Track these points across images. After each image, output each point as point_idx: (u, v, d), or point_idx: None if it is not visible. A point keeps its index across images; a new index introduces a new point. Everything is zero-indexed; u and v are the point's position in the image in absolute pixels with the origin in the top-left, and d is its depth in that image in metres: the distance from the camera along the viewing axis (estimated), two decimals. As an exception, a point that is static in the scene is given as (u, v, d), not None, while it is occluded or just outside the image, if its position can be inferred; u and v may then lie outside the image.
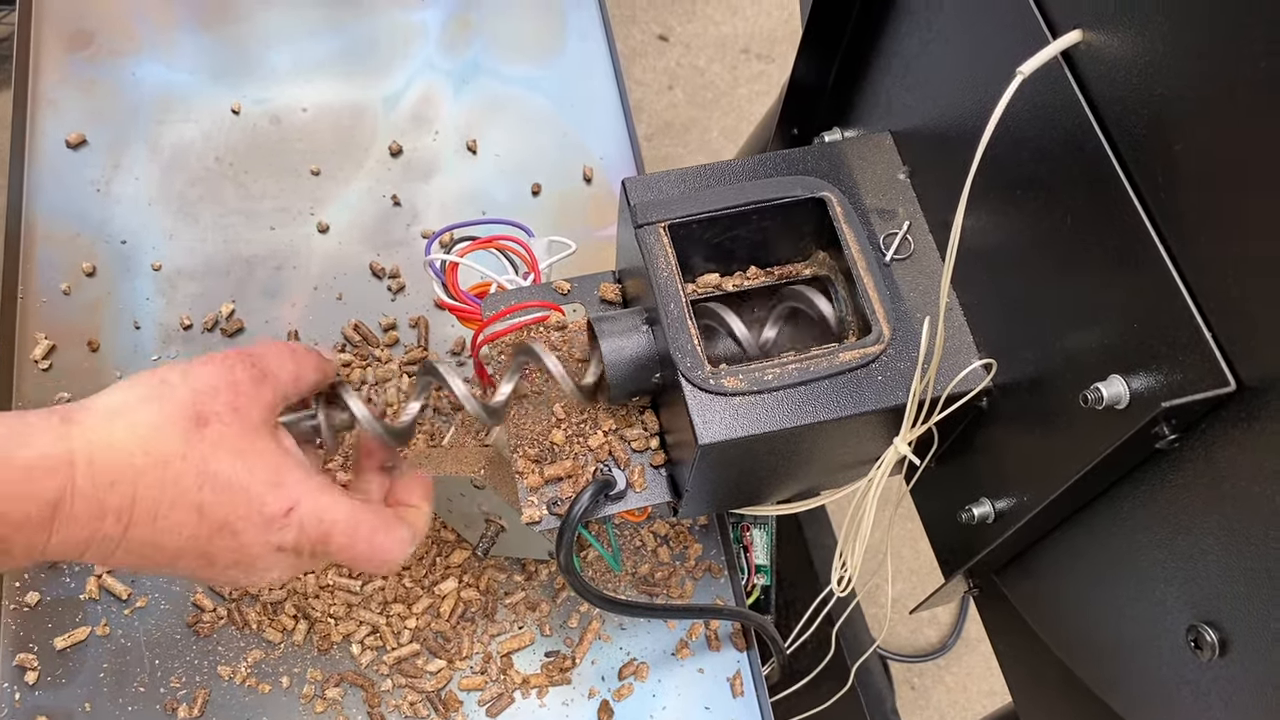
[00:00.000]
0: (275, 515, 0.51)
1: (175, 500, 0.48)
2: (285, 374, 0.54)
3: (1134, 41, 0.46)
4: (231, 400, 0.51)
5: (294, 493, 0.51)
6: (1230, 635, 0.47)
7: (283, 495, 0.51)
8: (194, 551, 0.50)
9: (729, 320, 0.67)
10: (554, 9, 1.07)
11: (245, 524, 0.50)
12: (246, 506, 0.50)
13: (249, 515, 0.50)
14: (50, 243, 0.91)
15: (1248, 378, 0.43)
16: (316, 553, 0.53)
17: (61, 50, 0.99)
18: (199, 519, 0.49)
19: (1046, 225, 0.55)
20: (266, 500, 0.50)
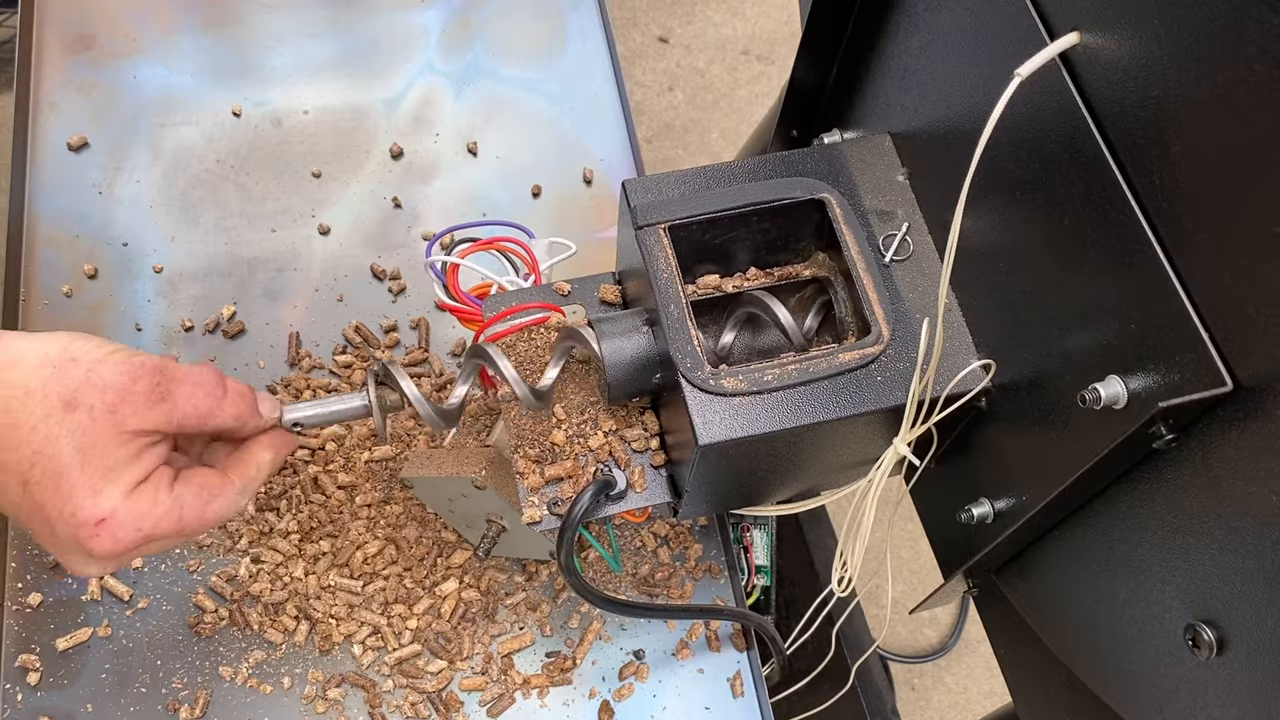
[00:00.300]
0: (86, 522, 0.51)
1: (9, 463, 0.50)
2: (189, 408, 0.54)
3: (1131, 43, 0.47)
4: (113, 403, 0.51)
5: (110, 504, 0.52)
6: (1228, 634, 0.47)
7: (98, 505, 0.51)
8: (18, 518, 0.52)
9: (776, 310, 0.65)
10: (554, 11, 1.07)
11: (59, 519, 0.51)
12: (63, 504, 0.51)
13: (63, 513, 0.51)
14: (52, 245, 0.91)
15: (1244, 378, 0.43)
16: (143, 551, 0.54)
17: (63, 53, 1.00)
18: (23, 491, 0.50)
19: (1045, 226, 0.55)
20: (82, 505, 0.51)
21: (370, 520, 0.81)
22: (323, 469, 0.82)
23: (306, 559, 0.79)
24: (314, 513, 0.81)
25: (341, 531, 0.80)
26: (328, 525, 0.81)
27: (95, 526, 0.51)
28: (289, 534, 0.80)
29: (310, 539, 0.80)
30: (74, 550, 0.53)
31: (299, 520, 0.81)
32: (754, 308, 0.68)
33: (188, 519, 0.55)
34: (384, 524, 0.81)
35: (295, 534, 0.80)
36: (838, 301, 0.68)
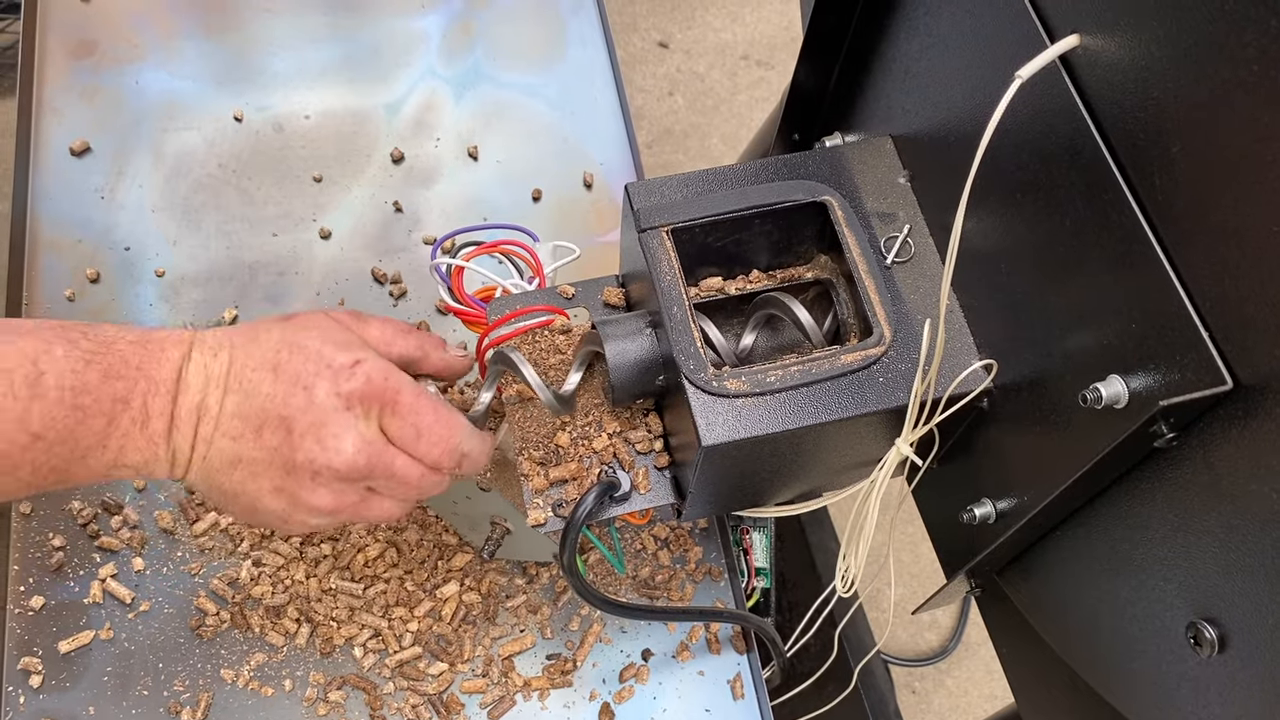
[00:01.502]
0: (343, 366, 0.57)
1: (258, 362, 0.56)
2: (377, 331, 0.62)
3: (1131, 45, 0.47)
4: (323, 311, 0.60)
5: (360, 353, 0.58)
6: (1229, 632, 0.48)
7: (349, 353, 0.57)
8: (274, 417, 0.56)
9: (796, 311, 0.66)
10: (554, 16, 1.08)
11: (316, 379, 0.56)
12: (317, 363, 0.56)
13: (319, 370, 0.56)
14: (54, 250, 0.91)
15: (1245, 377, 0.44)
16: (386, 409, 0.58)
17: (66, 58, 1.00)
18: (275, 377, 0.56)
19: (1046, 228, 0.55)
20: (336, 356, 0.57)
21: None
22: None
23: (308, 562, 0.79)
24: (316, 516, 0.81)
25: (342, 535, 0.81)
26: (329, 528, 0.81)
27: (352, 367, 0.57)
28: (290, 537, 0.80)
29: (311, 542, 0.80)
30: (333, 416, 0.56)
31: (301, 523, 0.81)
32: (774, 309, 0.69)
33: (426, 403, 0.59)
34: (385, 527, 0.81)
35: (296, 537, 0.80)
36: (840, 303, 0.68)
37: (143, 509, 0.80)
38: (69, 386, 0.51)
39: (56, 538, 0.78)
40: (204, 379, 0.56)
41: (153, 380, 0.54)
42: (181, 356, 0.56)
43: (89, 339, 0.53)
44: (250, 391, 0.56)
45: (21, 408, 0.50)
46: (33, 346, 0.51)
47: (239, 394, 0.56)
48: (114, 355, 0.53)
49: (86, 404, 0.52)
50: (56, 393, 0.51)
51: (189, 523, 0.80)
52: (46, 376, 0.51)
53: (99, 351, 0.53)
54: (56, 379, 0.51)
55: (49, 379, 0.51)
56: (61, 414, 0.51)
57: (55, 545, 0.78)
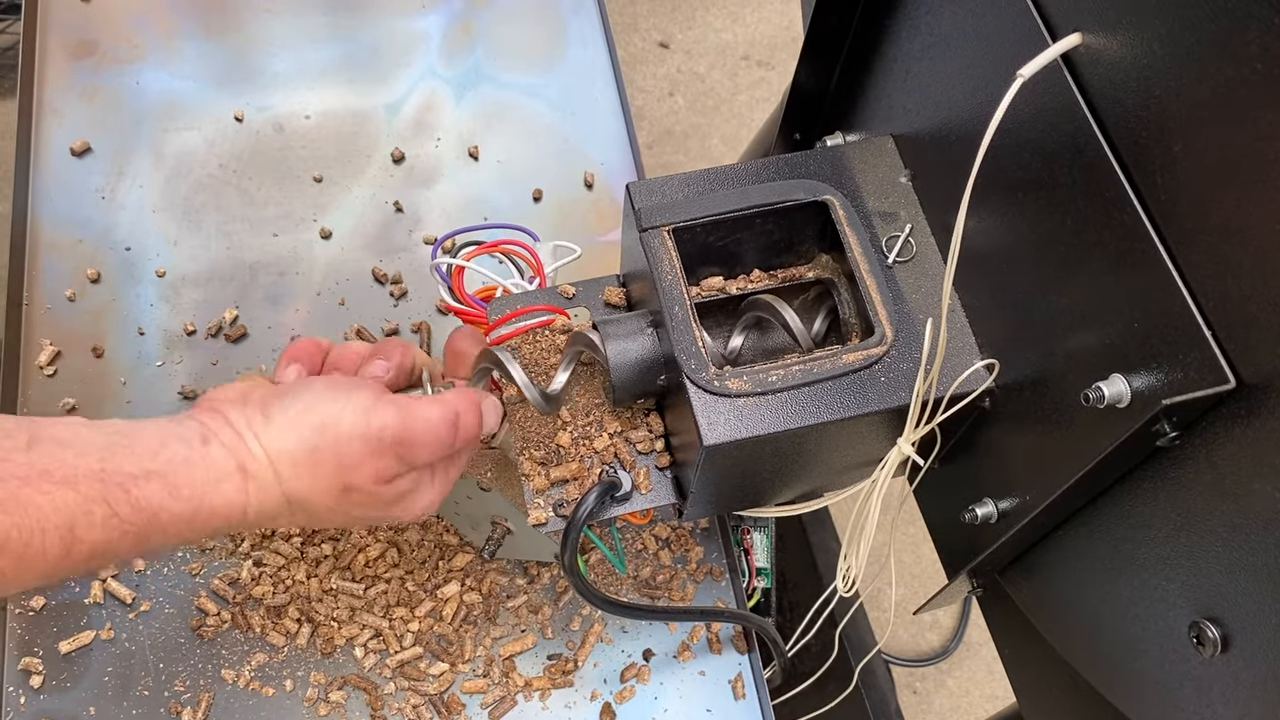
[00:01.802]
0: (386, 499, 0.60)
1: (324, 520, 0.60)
2: (425, 458, 0.60)
3: (1133, 44, 0.47)
4: (376, 477, 0.58)
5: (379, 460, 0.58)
6: (1232, 631, 0.48)
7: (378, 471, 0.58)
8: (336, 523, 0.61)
9: (785, 314, 0.66)
10: (555, 16, 1.08)
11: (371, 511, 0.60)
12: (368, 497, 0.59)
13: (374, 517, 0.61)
14: (55, 250, 0.91)
15: (1247, 375, 0.44)
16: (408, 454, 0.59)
17: (66, 59, 1.00)
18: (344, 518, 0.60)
19: (1048, 226, 0.55)
20: (381, 493, 0.59)
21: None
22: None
23: (308, 562, 0.79)
24: (316, 516, 0.81)
25: (343, 535, 0.80)
26: (330, 528, 0.81)
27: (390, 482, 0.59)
28: (291, 537, 0.80)
29: (312, 542, 0.80)
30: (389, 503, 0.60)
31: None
32: (762, 311, 0.69)
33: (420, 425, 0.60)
34: (385, 527, 0.81)
35: (297, 537, 0.80)
36: (841, 303, 0.68)
37: (143, 509, 0.80)
38: (101, 554, 0.49)
39: (57, 538, 0.78)
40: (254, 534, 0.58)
41: (198, 534, 0.54)
42: (230, 529, 0.56)
43: (130, 503, 0.49)
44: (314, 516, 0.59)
45: (50, 567, 0.48)
46: (72, 504, 0.47)
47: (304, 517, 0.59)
48: (155, 530, 0.50)
49: (114, 559, 0.51)
50: (86, 562, 0.49)
51: (189, 523, 0.80)
52: (81, 545, 0.48)
53: (138, 523, 0.50)
54: (90, 548, 0.48)
55: (83, 548, 0.48)
56: (84, 572, 0.51)
57: (56, 545, 0.78)
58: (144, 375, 0.86)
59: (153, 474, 0.50)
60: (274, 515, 0.56)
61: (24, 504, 0.46)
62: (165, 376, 0.87)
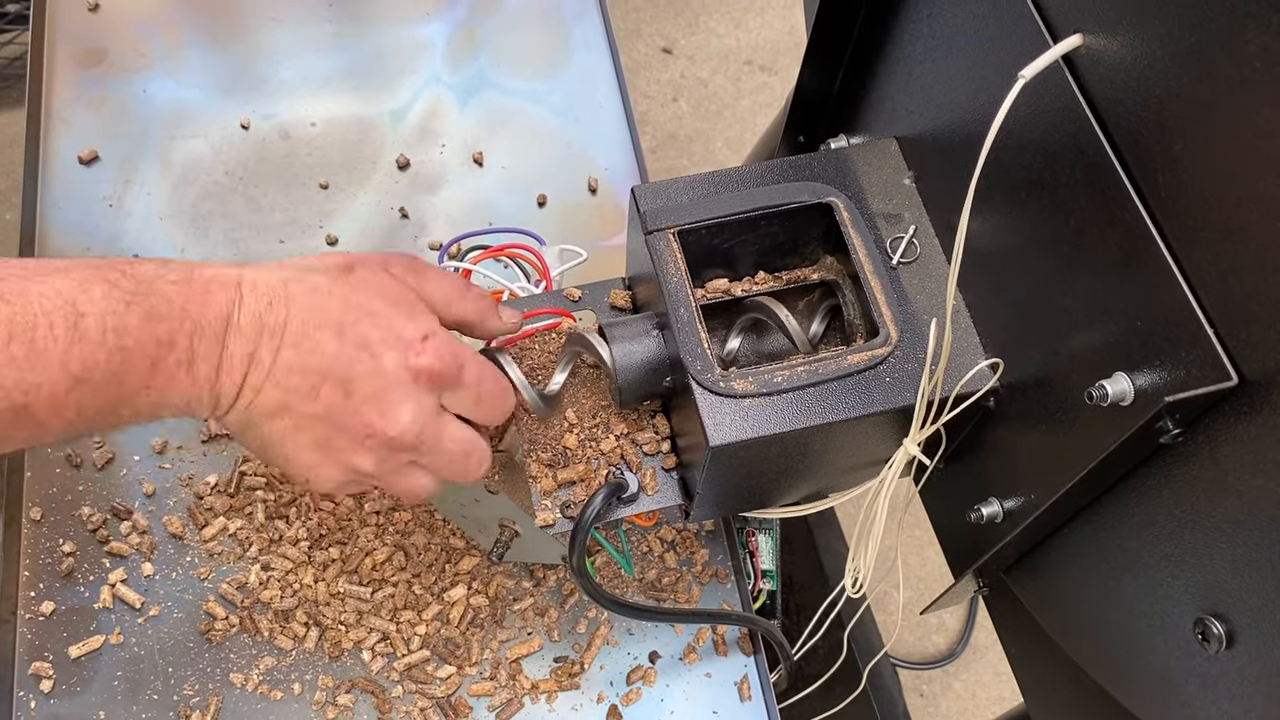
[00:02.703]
0: (413, 339, 0.56)
1: (321, 321, 0.55)
2: (435, 288, 0.59)
3: (1133, 44, 0.47)
4: (382, 262, 0.57)
5: (430, 325, 0.57)
6: (1237, 627, 0.48)
7: (419, 325, 0.56)
8: (335, 375, 0.55)
9: (781, 316, 0.66)
10: (558, 22, 1.08)
11: (383, 346, 0.55)
12: (385, 330, 0.56)
13: (387, 339, 0.55)
14: (63, 257, 0.91)
15: (1250, 372, 0.44)
16: (449, 382, 0.57)
17: (74, 68, 1.01)
18: (340, 339, 0.55)
19: (1050, 226, 0.56)
20: (405, 327, 0.56)
21: (379, 527, 0.82)
22: (333, 476, 0.83)
23: (316, 566, 0.80)
24: (323, 520, 0.81)
25: (350, 538, 0.81)
26: (337, 532, 0.81)
27: (422, 342, 0.56)
28: (298, 541, 0.80)
29: (319, 546, 0.80)
30: (397, 383, 0.56)
31: (308, 528, 0.81)
32: (759, 313, 0.69)
33: (489, 372, 0.59)
34: (392, 531, 0.81)
35: (305, 541, 0.80)
36: (846, 304, 0.69)
37: (152, 514, 0.81)
38: (110, 328, 0.50)
39: (67, 543, 0.78)
40: (258, 328, 0.54)
41: (198, 323, 0.52)
42: (229, 301, 0.53)
43: (127, 278, 0.51)
44: (311, 349, 0.55)
45: (62, 350, 0.48)
46: (69, 287, 0.49)
47: (297, 349, 0.54)
48: (156, 296, 0.51)
49: (129, 346, 0.50)
50: (98, 335, 0.49)
51: (198, 527, 0.80)
52: (87, 319, 0.49)
53: (139, 292, 0.51)
54: (97, 321, 0.49)
55: (89, 321, 0.49)
56: (104, 356, 0.50)
57: (65, 551, 0.78)
58: (152, 381, 0.87)
59: (146, 262, 0.53)
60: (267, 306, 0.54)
61: (22, 293, 0.48)
62: (173, 382, 0.87)
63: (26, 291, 0.48)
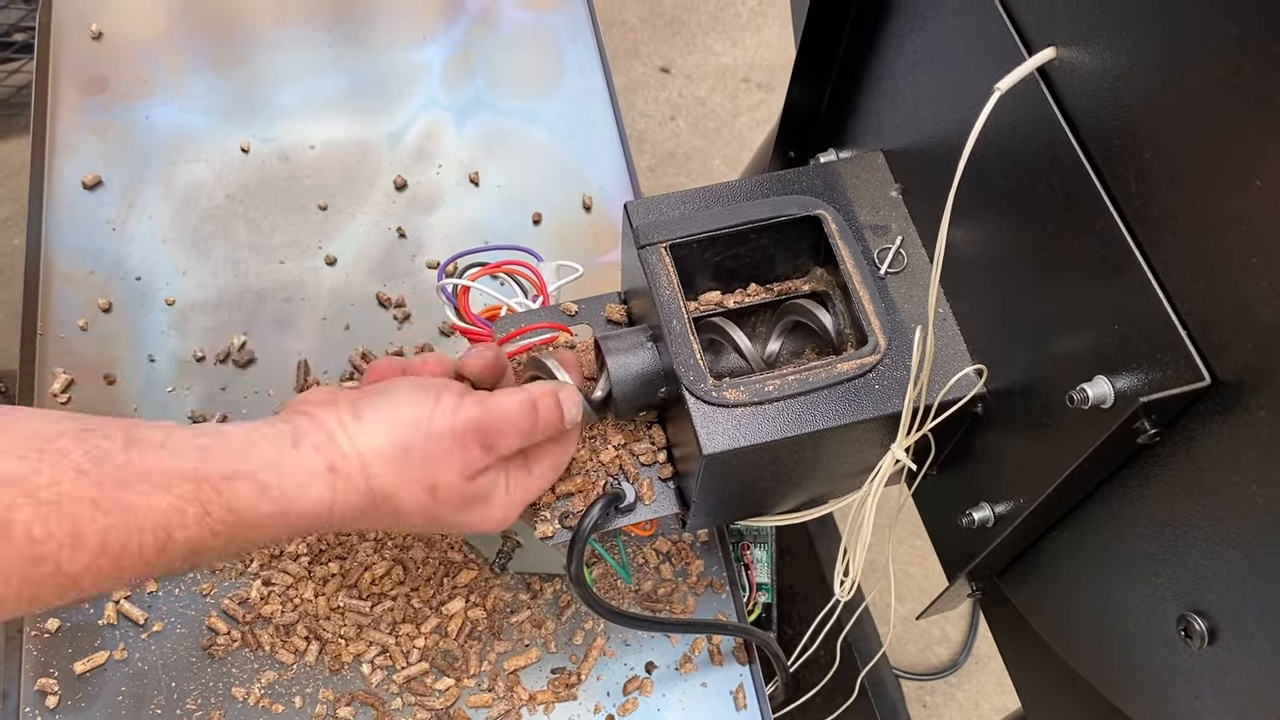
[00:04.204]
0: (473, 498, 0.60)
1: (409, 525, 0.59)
2: (509, 446, 0.60)
3: (1103, 55, 0.49)
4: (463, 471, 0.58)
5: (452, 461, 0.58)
6: (1218, 623, 0.49)
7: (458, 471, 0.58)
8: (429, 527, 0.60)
9: (734, 335, 0.68)
10: (551, 44, 1.10)
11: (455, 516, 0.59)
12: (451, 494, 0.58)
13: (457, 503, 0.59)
14: (68, 281, 0.93)
15: (1223, 373, 0.45)
16: (492, 444, 0.59)
17: (77, 95, 1.03)
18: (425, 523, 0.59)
19: (1030, 234, 0.57)
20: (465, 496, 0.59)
21: (378, 542, 0.82)
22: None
23: (316, 581, 0.80)
24: (322, 535, 0.82)
25: (350, 553, 0.82)
26: (336, 547, 0.82)
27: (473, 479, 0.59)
28: (299, 556, 0.81)
29: (319, 561, 0.81)
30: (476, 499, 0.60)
31: (308, 543, 0.82)
32: (799, 316, 0.70)
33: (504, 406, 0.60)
34: (391, 545, 0.82)
35: (305, 556, 0.81)
36: (836, 314, 0.70)
37: (155, 532, 0.82)
38: (193, 553, 0.50)
39: (71, 561, 0.79)
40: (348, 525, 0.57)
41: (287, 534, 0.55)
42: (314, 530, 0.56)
43: (222, 504, 0.50)
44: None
45: (145, 566, 0.49)
46: (166, 509, 0.48)
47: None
48: (244, 529, 0.51)
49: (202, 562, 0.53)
50: (180, 561, 0.50)
51: (201, 544, 0.81)
52: (175, 545, 0.49)
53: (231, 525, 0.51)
54: (183, 547, 0.49)
55: (177, 547, 0.49)
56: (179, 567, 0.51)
57: (70, 568, 0.79)
58: (155, 401, 0.88)
59: (243, 474, 0.51)
60: (359, 514, 0.56)
61: (123, 506, 0.47)
62: (176, 402, 0.88)
63: (126, 506, 0.47)
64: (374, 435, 0.55)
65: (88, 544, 0.46)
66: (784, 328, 0.72)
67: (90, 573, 0.47)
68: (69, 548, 0.45)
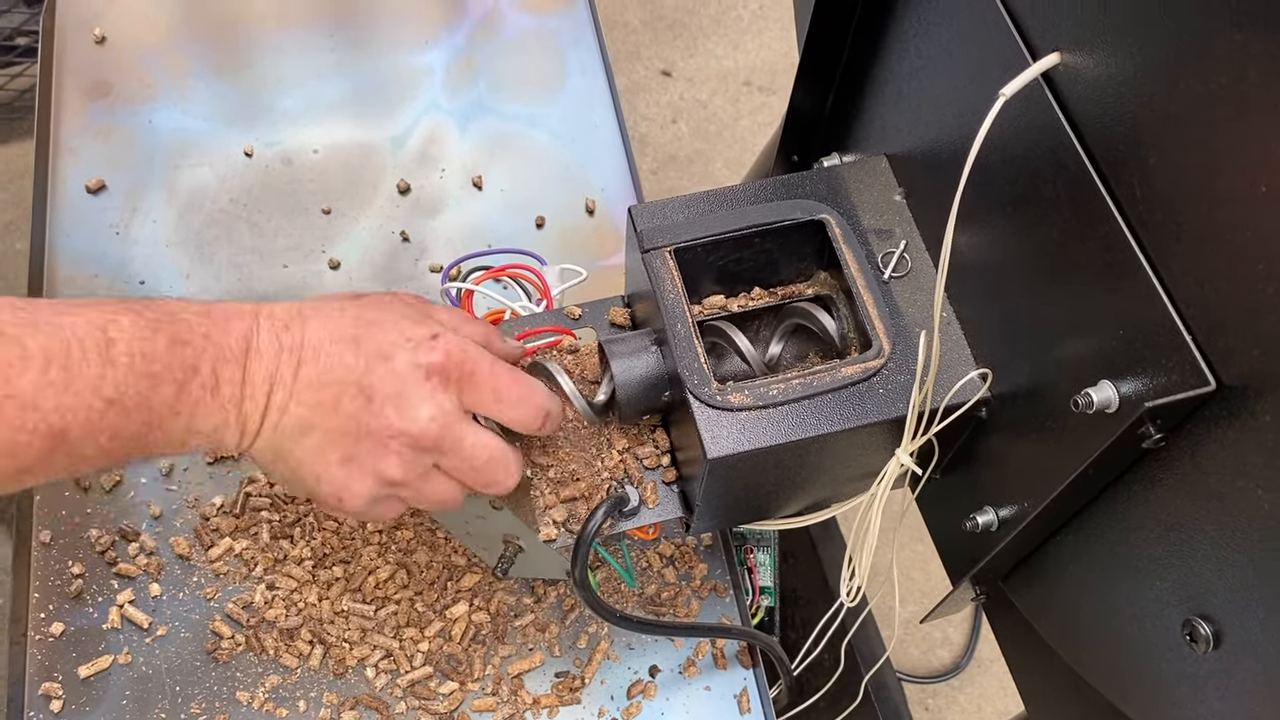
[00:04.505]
0: (422, 339, 0.59)
1: (336, 336, 0.58)
2: (440, 311, 0.62)
3: (1108, 61, 0.49)
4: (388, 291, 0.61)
5: (437, 327, 0.60)
6: (1223, 627, 0.49)
7: (428, 326, 0.60)
8: (354, 386, 0.57)
9: (736, 339, 0.69)
10: (554, 48, 1.10)
11: (395, 349, 0.58)
12: (396, 334, 0.59)
13: (398, 341, 0.58)
14: (72, 285, 0.93)
15: (1228, 378, 0.45)
16: (464, 381, 0.59)
17: (81, 100, 1.03)
18: (356, 350, 0.58)
19: (1035, 239, 0.57)
20: (415, 330, 0.59)
21: (381, 546, 0.83)
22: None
23: (320, 585, 0.81)
24: (326, 539, 0.82)
25: (354, 557, 0.82)
26: (340, 551, 0.82)
27: (432, 340, 0.59)
28: (303, 560, 0.81)
29: (323, 565, 0.81)
30: (413, 384, 0.58)
31: (312, 547, 0.82)
32: (800, 319, 0.70)
33: (503, 371, 0.61)
34: (395, 549, 0.82)
35: (309, 560, 0.81)
36: (840, 318, 0.70)
37: (159, 536, 0.82)
38: (139, 353, 0.52)
39: (76, 565, 0.79)
40: (276, 348, 0.57)
41: (221, 347, 0.55)
42: (248, 327, 0.57)
43: (152, 309, 0.54)
44: (329, 363, 0.57)
45: (95, 374, 0.51)
46: (100, 316, 0.52)
47: (316, 364, 0.57)
48: (179, 324, 0.54)
49: (157, 370, 0.53)
50: (127, 359, 0.52)
51: (204, 548, 0.81)
52: (117, 344, 0.52)
53: (164, 320, 0.54)
54: (126, 346, 0.52)
55: (119, 346, 0.52)
56: (133, 380, 0.52)
57: (75, 573, 0.79)
58: (159, 404, 0.88)
59: (169, 300, 0.56)
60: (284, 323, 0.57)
61: (55, 323, 0.51)
62: (180, 405, 0.88)
63: (59, 322, 0.51)
64: (326, 314, 0.59)
65: (33, 360, 0.49)
66: (785, 331, 0.72)
67: (45, 391, 0.49)
68: (16, 365, 0.49)
